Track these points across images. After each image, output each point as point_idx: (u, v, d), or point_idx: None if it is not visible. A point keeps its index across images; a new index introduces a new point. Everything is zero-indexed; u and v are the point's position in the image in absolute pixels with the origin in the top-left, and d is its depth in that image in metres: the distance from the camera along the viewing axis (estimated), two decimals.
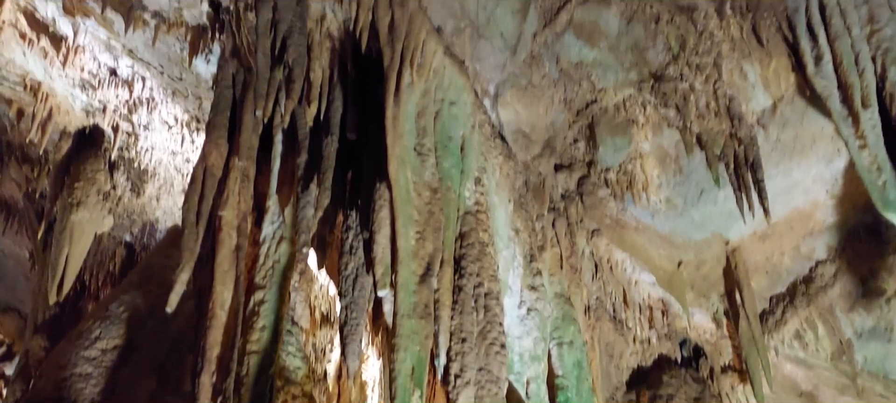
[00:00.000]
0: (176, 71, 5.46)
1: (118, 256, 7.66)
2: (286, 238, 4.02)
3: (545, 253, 3.74)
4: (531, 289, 3.58)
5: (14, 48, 5.82)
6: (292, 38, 3.86)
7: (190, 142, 6.24)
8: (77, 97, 6.16)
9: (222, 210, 3.94)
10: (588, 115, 3.67)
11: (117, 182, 6.76)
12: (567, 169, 3.85)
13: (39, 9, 5.37)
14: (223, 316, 3.83)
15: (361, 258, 3.63)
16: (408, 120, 3.53)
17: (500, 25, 3.53)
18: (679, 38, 3.15)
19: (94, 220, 6.42)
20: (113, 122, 6.30)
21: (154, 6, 4.86)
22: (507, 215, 3.67)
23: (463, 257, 3.35)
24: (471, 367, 3.12)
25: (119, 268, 7.62)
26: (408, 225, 3.29)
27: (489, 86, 3.74)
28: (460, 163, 3.54)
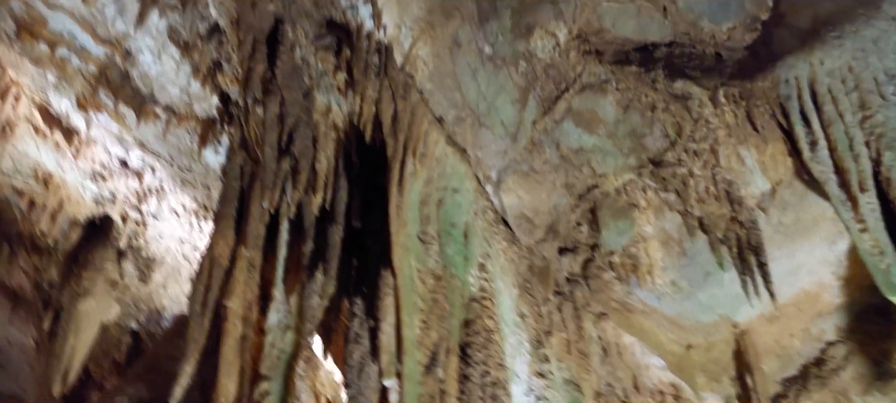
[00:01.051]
0: (185, 161, 5.58)
1: (124, 344, 7.62)
2: (292, 326, 4.02)
3: (552, 338, 3.72)
4: (539, 376, 3.54)
5: (28, 141, 5.97)
6: (299, 131, 3.96)
7: (198, 229, 6.32)
8: (88, 187, 6.27)
9: (228, 300, 3.96)
10: (590, 199, 3.71)
11: (125, 270, 6.80)
12: (571, 252, 3.87)
13: (54, 103, 5.54)
14: None
15: (367, 346, 3.62)
16: (411, 208, 3.58)
17: (500, 114, 3.62)
18: (675, 124, 3.22)
19: (100, 309, 6.45)
20: (122, 212, 6.39)
21: (165, 100, 5.01)
22: (512, 300, 3.66)
23: (469, 345, 3.33)
24: None
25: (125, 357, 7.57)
26: (412, 313, 3.29)
27: (491, 173, 3.80)
28: (464, 250, 3.57)
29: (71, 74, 5.08)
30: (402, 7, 3.50)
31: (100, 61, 4.88)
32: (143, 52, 4.66)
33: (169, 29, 4.38)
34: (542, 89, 3.49)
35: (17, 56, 5.05)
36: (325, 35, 3.87)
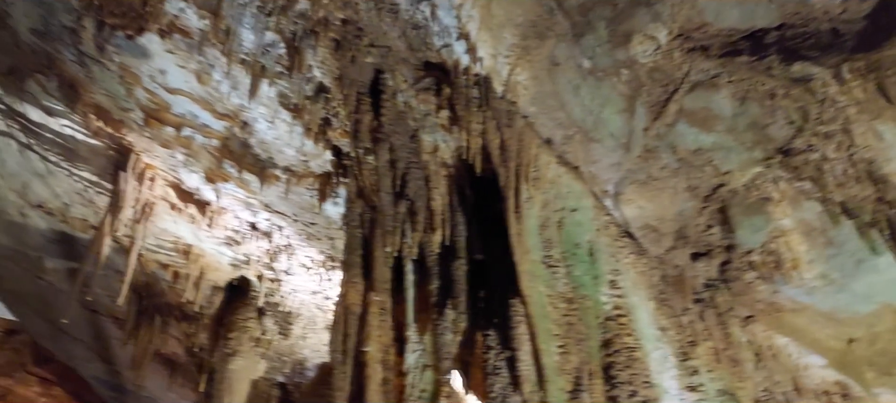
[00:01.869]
0: (308, 217, 5.82)
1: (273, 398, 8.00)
2: (430, 365, 4.08)
3: (698, 348, 3.55)
4: (691, 390, 3.39)
5: (166, 218, 6.43)
6: (410, 173, 4.05)
7: (327, 280, 6.56)
8: (224, 253, 6.67)
9: (366, 345, 4.07)
10: (718, 199, 3.53)
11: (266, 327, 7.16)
12: (705, 256, 3.69)
13: (185, 180, 5.95)
14: None
15: (507, 377, 3.59)
16: (532, 234, 3.55)
17: (609, 126, 3.53)
18: (799, 109, 3.01)
19: (249, 366, 6.80)
20: (257, 272, 6.74)
21: (283, 162, 5.26)
22: (649, 314, 3.54)
23: (611, 366, 3.24)
24: None
25: None
26: (548, 340, 3.24)
27: (608, 187, 3.71)
28: (592, 269, 3.50)
29: (197, 151, 5.45)
30: (495, 37, 3.51)
31: (221, 135, 5.20)
32: (259, 121, 4.92)
33: (279, 95, 4.60)
34: (649, 94, 3.38)
35: (147, 141, 5.48)
36: (424, 77, 3.94)
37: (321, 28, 3.82)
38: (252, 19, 3.95)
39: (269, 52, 4.14)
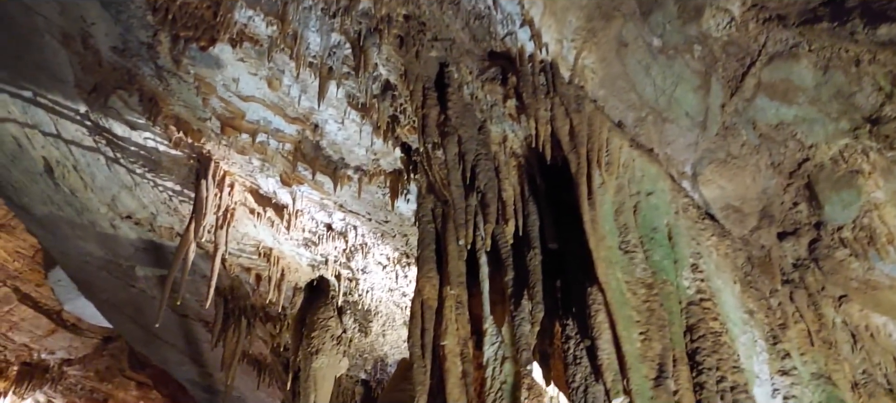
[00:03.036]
0: (381, 215, 5.89)
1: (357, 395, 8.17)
2: (509, 357, 4.05)
3: (789, 331, 3.39)
4: (783, 374, 3.23)
5: (246, 223, 6.64)
6: (480, 164, 4.03)
7: (403, 276, 6.63)
8: (303, 255, 6.83)
9: (444, 339, 4.08)
10: (803, 175, 3.35)
11: (347, 325, 7.30)
12: (793, 235, 3.52)
13: (262, 185, 6.12)
14: None
15: (588, 367, 3.53)
16: (607, 220, 3.47)
17: (683, 105, 3.41)
18: (888, 74, 2.82)
19: (332, 364, 6.95)
20: (335, 271, 6.88)
21: (354, 162, 5.34)
22: (735, 297, 3.40)
23: (696, 351, 3.13)
24: None
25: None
26: (629, 327, 3.16)
27: (685, 168, 3.58)
28: (671, 253, 3.38)
29: (271, 156, 5.61)
30: (559, 21, 3.44)
31: (293, 139, 5.33)
32: (329, 123, 5.01)
33: (347, 96, 4.67)
34: (725, 69, 3.24)
35: (225, 149, 5.67)
36: (489, 67, 3.91)
37: (384, 25, 3.85)
38: (317, 22, 4.01)
39: (335, 53, 4.21)
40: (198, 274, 7.56)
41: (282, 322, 8.05)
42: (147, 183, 6.37)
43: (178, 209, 6.69)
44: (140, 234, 7.36)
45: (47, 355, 15.03)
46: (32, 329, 14.32)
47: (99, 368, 15.39)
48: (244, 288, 7.76)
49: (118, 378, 15.48)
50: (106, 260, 8.21)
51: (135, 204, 6.79)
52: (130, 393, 15.63)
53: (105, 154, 6.07)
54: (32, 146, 6.17)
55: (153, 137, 5.71)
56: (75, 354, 15.23)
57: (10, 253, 12.63)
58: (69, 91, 5.35)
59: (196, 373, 11.29)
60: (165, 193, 6.47)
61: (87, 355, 15.26)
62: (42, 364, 15.12)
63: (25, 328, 14.29)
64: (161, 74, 4.89)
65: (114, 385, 15.56)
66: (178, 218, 6.83)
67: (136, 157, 6.02)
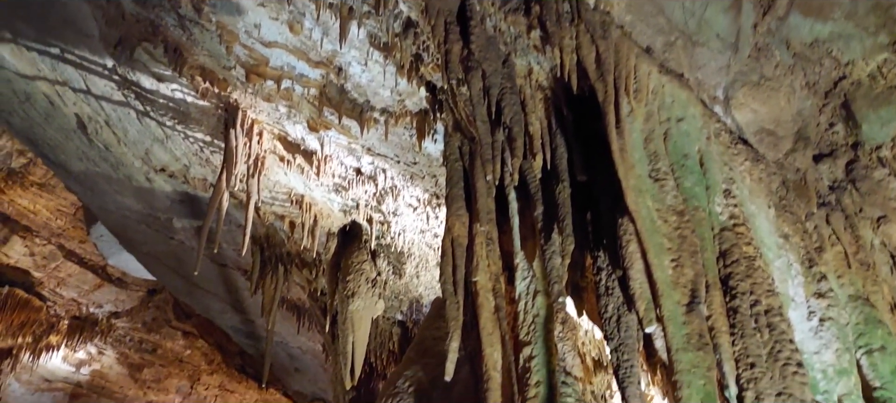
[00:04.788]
0: (409, 157, 5.88)
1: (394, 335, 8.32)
2: (541, 290, 4.06)
3: (825, 254, 3.32)
4: (819, 297, 3.18)
5: (277, 170, 6.70)
6: (505, 99, 3.97)
7: (434, 218, 6.65)
8: (334, 200, 6.89)
9: (475, 276, 4.10)
10: (839, 94, 3.23)
11: (381, 268, 7.39)
12: (829, 157, 3.41)
13: (290, 132, 6.15)
14: (498, 376, 3.95)
15: (620, 297, 3.52)
16: (636, 148, 3.41)
17: (713, 27, 3.29)
18: None
19: (368, 307, 7.05)
20: (367, 215, 6.93)
21: (380, 104, 5.32)
22: (769, 222, 3.34)
23: (730, 276, 3.09)
24: (768, 393, 2.83)
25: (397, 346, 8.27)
26: (660, 254, 3.13)
27: (717, 92, 3.48)
28: (703, 179, 3.32)
29: (297, 102, 5.61)
30: None
31: (318, 83, 5.31)
32: (352, 65, 4.98)
33: (369, 36, 4.62)
34: None
35: (251, 97, 5.69)
36: None
37: None
38: None
39: None
40: (233, 224, 7.69)
41: (317, 267, 8.18)
42: (178, 135, 6.44)
43: (210, 160, 6.77)
44: (175, 187, 7.48)
45: (95, 309, 15.57)
46: (79, 284, 14.81)
47: (146, 319, 15.91)
48: (279, 236, 7.88)
49: (165, 328, 16.01)
50: (144, 214, 8.39)
51: (168, 157, 6.88)
52: (177, 342, 16.17)
53: (135, 108, 6.14)
54: (64, 103, 6.26)
55: (180, 89, 5.74)
56: (122, 307, 15.75)
57: (52, 212, 12.99)
58: (95, 45, 5.39)
59: (238, 321, 11.61)
60: (196, 144, 6.54)
61: (134, 307, 15.77)
62: (91, 318, 15.68)
63: (73, 283, 14.79)
64: (183, 24, 4.89)
65: (161, 335, 16.10)
66: (211, 169, 6.92)
67: (165, 110, 6.07)
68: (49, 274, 14.42)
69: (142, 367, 16.46)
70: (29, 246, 13.64)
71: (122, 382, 16.63)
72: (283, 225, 7.64)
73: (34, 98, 6.30)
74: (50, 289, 14.75)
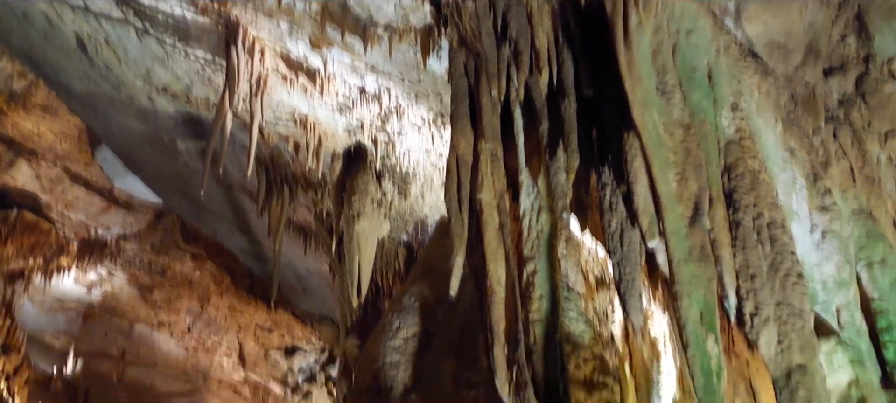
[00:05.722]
0: (414, 75, 5.81)
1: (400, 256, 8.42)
2: (545, 207, 4.09)
3: (831, 168, 3.31)
4: (822, 211, 3.19)
5: (280, 90, 6.64)
6: (511, 12, 3.90)
7: (439, 137, 6.62)
8: (338, 121, 6.85)
9: (480, 193, 4.13)
10: (852, 6, 3.16)
11: (386, 189, 7.41)
12: (839, 71, 3.36)
13: (292, 50, 6.06)
14: (501, 291, 4.02)
15: (623, 213, 3.54)
16: (643, 61, 3.35)
17: None
18: None
19: (374, 227, 7.13)
20: (372, 136, 6.91)
21: (383, 19, 5.22)
22: (776, 136, 3.32)
23: (734, 190, 3.10)
24: (767, 303, 2.88)
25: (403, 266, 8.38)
26: (665, 168, 3.12)
27: (728, 4, 3.40)
28: (711, 93, 3.28)
29: (299, 18, 5.51)
30: None
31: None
32: None
33: None
34: None
35: (252, 14, 5.58)
36: None
37: None
38: None
39: None
40: (237, 145, 7.68)
41: (323, 189, 8.21)
42: (178, 53, 6.36)
43: (212, 79, 6.71)
44: (177, 107, 7.44)
45: (104, 231, 15.74)
46: (87, 207, 14.93)
47: (154, 242, 16.09)
48: (284, 157, 7.88)
49: (173, 250, 16.20)
50: (148, 135, 8.38)
51: (169, 77, 6.82)
52: (186, 265, 16.38)
53: (134, 25, 6.04)
54: (62, 21, 6.17)
55: (179, 4, 5.64)
56: (130, 230, 15.92)
57: (57, 135, 12.99)
58: None
59: (246, 242, 11.74)
60: (197, 63, 6.47)
61: (142, 230, 15.93)
62: (100, 241, 15.88)
63: (80, 206, 14.91)
64: None
65: (170, 257, 16.31)
66: (213, 89, 6.86)
67: (164, 27, 5.98)
68: (56, 197, 14.53)
69: (152, 289, 16.74)
70: (35, 169, 13.70)
71: (133, 303, 16.95)
72: (287, 147, 7.63)
73: (32, 17, 6.21)
74: (58, 212, 14.89)
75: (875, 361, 3.06)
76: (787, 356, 2.84)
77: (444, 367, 4.79)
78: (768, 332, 2.87)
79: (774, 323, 2.89)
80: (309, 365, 16.78)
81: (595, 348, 5.12)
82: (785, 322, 2.88)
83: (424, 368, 4.96)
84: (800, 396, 2.77)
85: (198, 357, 17.67)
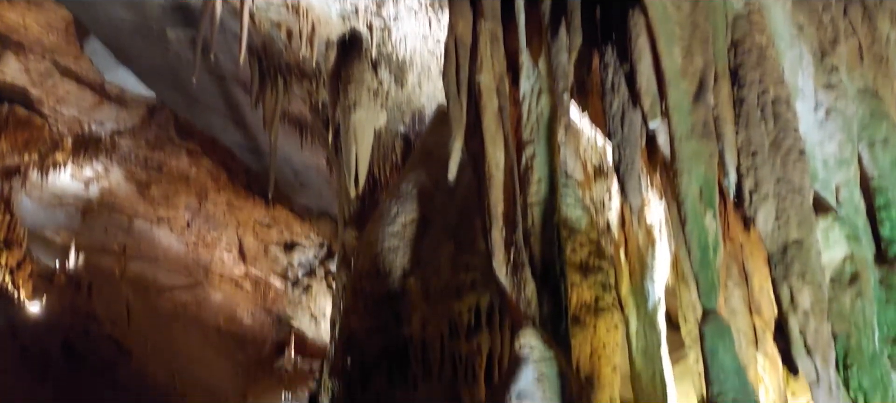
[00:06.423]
0: None
1: (397, 147, 8.37)
2: (545, 90, 4.03)
3: (839, 46, 3.23)
4: (828, 88, 3.13)
5: None
6: None
7: (436, 22, 6.44)
8: (331, 5, 6.65)
9: (479, 75, 4.06)
10: None
11: (382, 78, 7.28)
12: None
13: None
14: (500, 175, 4.02)
15: (625, 94, 3.48)
16: None
17: None
18: None
19: (370, 118, 7.05)
20: (367, 22, 6.72)
21: None
22: (785, 12, 3.21)
23: (740, 66, 3.03)
24: (767, 180, 2.87)
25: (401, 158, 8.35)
26: (671, 43, 3.04)
27: None
28: None
29: None
30: None
31: None
32: None
33: None
34: None
35: None
36: None
37: None
38: None
39: None
40: (229, 33, 7.49)
41: (317, 79, 8.08)
42: None
43: None
44: None
45: (98, 127, 15.63)
46: (79, 102, 14.77)
47: (148, 138, 16.01)
48: (276, 45, 7.70)
49: (168, 146, 16.14)
50: (136, 24, 8.16)
51: None
52: (182, 160, 16.36)
53: None
54: None
55: None
56: (123, 125, 15.80)
57: (43, 27, 12.66)
58: None
59: (241, 137, 11.67)
60: None
61: (136, 126, 15.82)
62: (94, 136, 15.79)
63: (72, 101, 14.74)
64: None
65: (165, 153, 16.27)
66: None
67: None
68: (47, 92, 14.33)
69: (149, 185, 16.79)
70: (23, 63, 13.45)
71: (131, 199, 17.04)
72: (280, 34, 7.43)
73: None
74: (50, 107, 14.73)
75: (870, 238, 3.08)
76: (783, 231, 2.85)
77: (442, 251, 4.85)
78: (766, 208, 2.88)
79: (773, 199, 2.89)
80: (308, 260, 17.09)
81: (591, 234, 5.19)
82: (784, 198, 2.88)
83: (423, 252, 5.02)
84: (794, 270, 2.81)
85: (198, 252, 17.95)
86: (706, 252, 2.82)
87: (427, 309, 4.76)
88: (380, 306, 5.04)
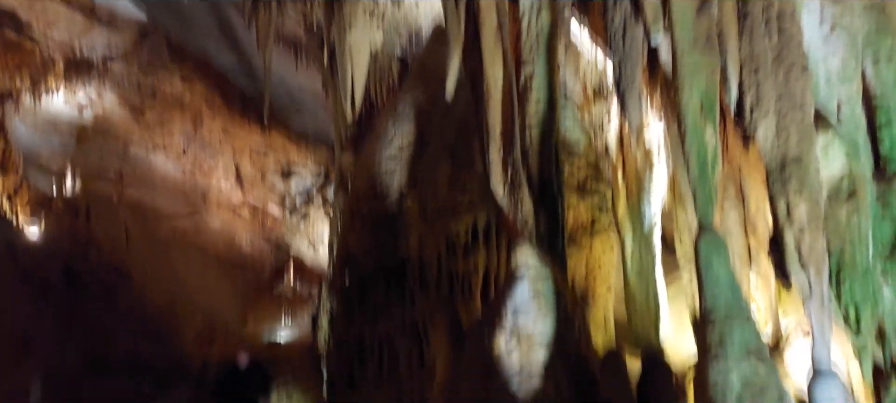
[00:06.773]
0: None
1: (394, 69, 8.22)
2: (545, 6, 3.95)
3: None
4: (834, 3, 3.07)
5: None
6: None
7: None
8: None
9: None
10: None
11: None
12: None
13: None
14: (498, 94, 3.98)
15: (628, 8, 3.41)
16: None
17: None
18: None
19: (366, 38, 6.91)
20: None
21: None
22: None
23: None
24: (768, 96, 2.85)
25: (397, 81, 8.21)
26: None
27: None
28: None
29: None
30: None
31: None
32: None
33: None
34: None
35: None
36: None
37: None
38: None
39: None
40: None
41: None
42: None
43: None
44: None
45: (89, 51, 15.34)
46: (69, 26, 14.43)
47: (141, 62, 15.72)
48: None
49: (161, 71, 15.85)
50: None
51: None
52: (176, 85, 16.10)
53: None
54: None
55: None
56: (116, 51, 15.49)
57: None
58: None
59: (235, 60, 11.49)
60: None
61: (128, 50, 15.51)
62: (86, 61, 15.50)
63: (62, 25, 14.41)
64: None
65: (158, 78, 15.98)
66: None
67: None
68: (36, 15, 13.99)
69: (143, 110, 16.57)
70: None
71: (126, 125, 16.85)
72: None
73: None
74: (40, 31, 14.41)
75: (870, 154, 3.07)
76: (783, 147, 2.85)
77: (439, 170, 4.83)
78: (767, 124, 2.86)
79: (774, 115, 2.87)
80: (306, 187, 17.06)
81: (590, 156, 5.17)
82: (785, 114, 2.87)
83: (420, 172, 5.01)
84: (792, 185, 2.81)
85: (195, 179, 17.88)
86: (705, 166, 2.82)
87: (424, 227, 4.78)
88: (378, 226, 5.05)
